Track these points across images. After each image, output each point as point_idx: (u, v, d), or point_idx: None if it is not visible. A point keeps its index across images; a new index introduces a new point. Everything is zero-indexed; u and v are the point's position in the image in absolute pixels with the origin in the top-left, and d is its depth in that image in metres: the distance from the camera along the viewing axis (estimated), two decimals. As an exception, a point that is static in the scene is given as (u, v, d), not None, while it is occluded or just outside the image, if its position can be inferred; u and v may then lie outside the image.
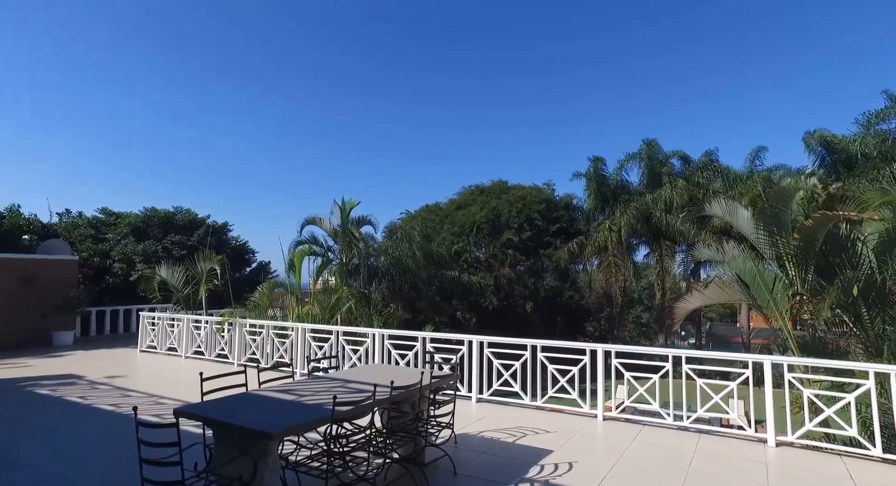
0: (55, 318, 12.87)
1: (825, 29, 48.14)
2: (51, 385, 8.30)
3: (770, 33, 58.40)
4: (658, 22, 59.40)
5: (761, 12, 58.27)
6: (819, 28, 49.17)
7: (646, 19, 56.89)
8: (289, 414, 3.56)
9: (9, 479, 4.53)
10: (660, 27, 59.35)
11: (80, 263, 14.89)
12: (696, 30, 58.54)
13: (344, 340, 8.51)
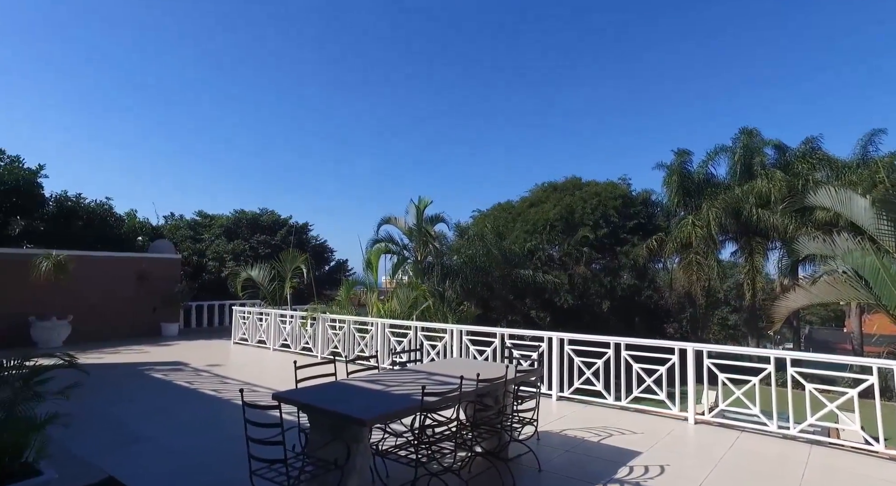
0: (163, 311, 14.18)
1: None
2: (163, 370, 9.16)
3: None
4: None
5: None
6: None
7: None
8: (379, 403, 3.67)
9: (134, 450, 5.03)
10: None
11: (182, 261, 16.28)
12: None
13: (422, 335, 8.66)
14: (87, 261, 12.93)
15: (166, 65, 47.16)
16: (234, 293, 15.86)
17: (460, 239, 21.31)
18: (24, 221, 13.82)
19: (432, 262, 16.85)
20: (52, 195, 15.11)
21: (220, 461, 4.75)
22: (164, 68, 46.76)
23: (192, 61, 48.94)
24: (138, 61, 45.51)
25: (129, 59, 43.44)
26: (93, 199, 16.01)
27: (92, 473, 4.35)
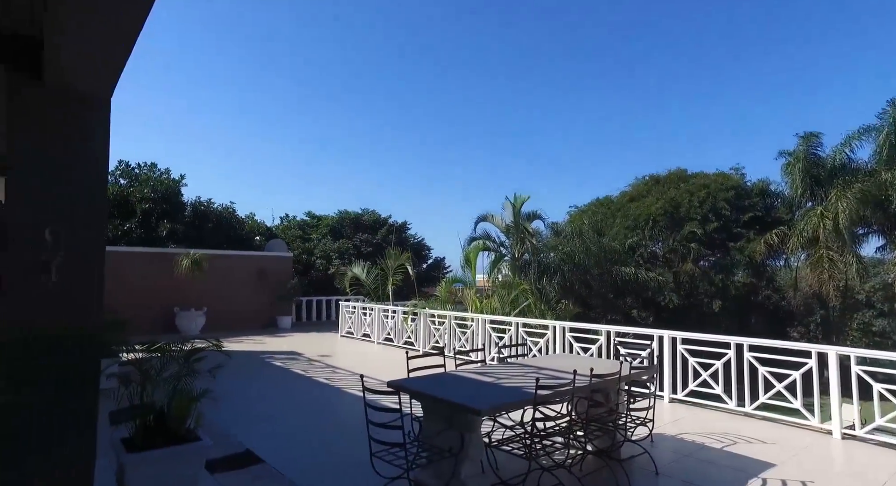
0: (278, 305, 15.45)
1: None
2: (281, 359, 9.99)
3: None
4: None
5: None
6: None
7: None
8: (491, 394, 3.71)
9: (263, 428, 5.54)
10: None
11: (293, 259, 17.63)
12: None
13: (523, 331, 8.61)
14: (217, 259, 14.45)
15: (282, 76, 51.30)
16: (340, 290, 16.89)
17: (556, 236, 20.86)
18: (170, 224, 15.83)
19: (529, 259, 16.69)
20: (189, 201, 17.14)
21: (340, 441, 5.08)
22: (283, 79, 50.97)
23: (311, 72, 52.48)
24: (265, 74, 50.02)
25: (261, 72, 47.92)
26: (220, 203, 17.90)
27: (233, 445, 4.86)
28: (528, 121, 61.75)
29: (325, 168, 55.03)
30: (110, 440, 3.55)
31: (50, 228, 3.02)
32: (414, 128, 58.58)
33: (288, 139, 54.51)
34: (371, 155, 57.92)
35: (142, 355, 3.86)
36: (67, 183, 3.12)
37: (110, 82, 3.05)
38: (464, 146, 61.65)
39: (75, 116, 3.12)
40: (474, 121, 61.51)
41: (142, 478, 3.33)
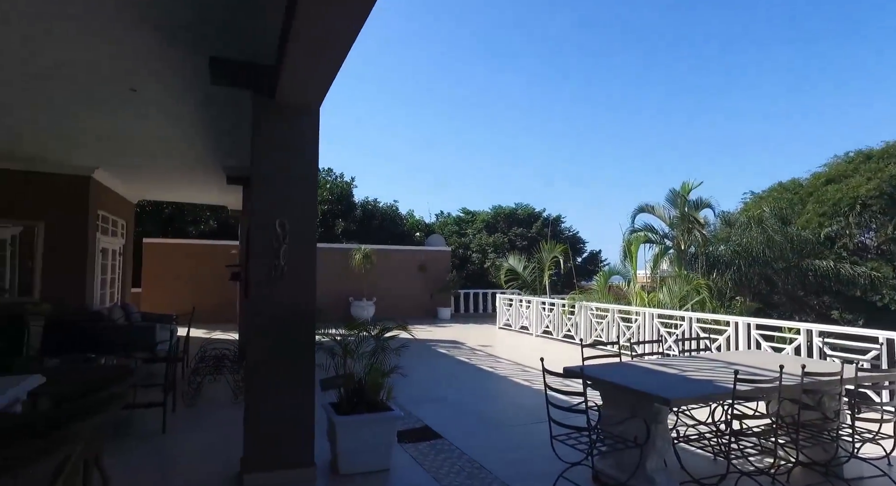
0: (438, 296, 16.35)
1: None
2: (445, 347, 10.58)
3: None
4: None
5: None
6: None
7: None
8: (679, 385, 3.48)
9: (435, 406, 5.91)
10: None
11: (451, 253, 18.49)
12: None
13: (698, 327, 7.89)
14: (383, 253, 15.81)
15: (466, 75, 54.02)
16: (496, 283, 17.24)
17: (727, 227, 18.59)
18: (344, 223, 17.82)
19: (695, 251, 15.18)
20: (358, 201, 19.07)
21: (513, 424, 5.22)
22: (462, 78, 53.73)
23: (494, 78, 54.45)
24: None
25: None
26: (384, 202, 19.56)
27: (412, 420, 5.30)
28: (696, 103, 55.98)
29: (479, 166, 56.40)
30: (321, 402, 4.12)
31: (279, 219, 3.62)
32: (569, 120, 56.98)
33: (445, 142, 57.07)
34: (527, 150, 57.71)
35: (341, 334, 4.43)
36: (289, 181, 3.70)
37: (322, 94, 3.55)
38: (621, 135, 58.15)
39: (295, 125, 3.69)
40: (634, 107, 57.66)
41: (349, 437, 3.81)
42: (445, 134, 57.17)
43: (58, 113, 5.28)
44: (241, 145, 6.48)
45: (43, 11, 3.09)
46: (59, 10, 3.06)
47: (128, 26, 3.25)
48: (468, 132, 56.98)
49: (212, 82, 3.59)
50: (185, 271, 13.67)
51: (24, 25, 3.26)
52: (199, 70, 3.91)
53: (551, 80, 54.81)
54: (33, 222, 7.78)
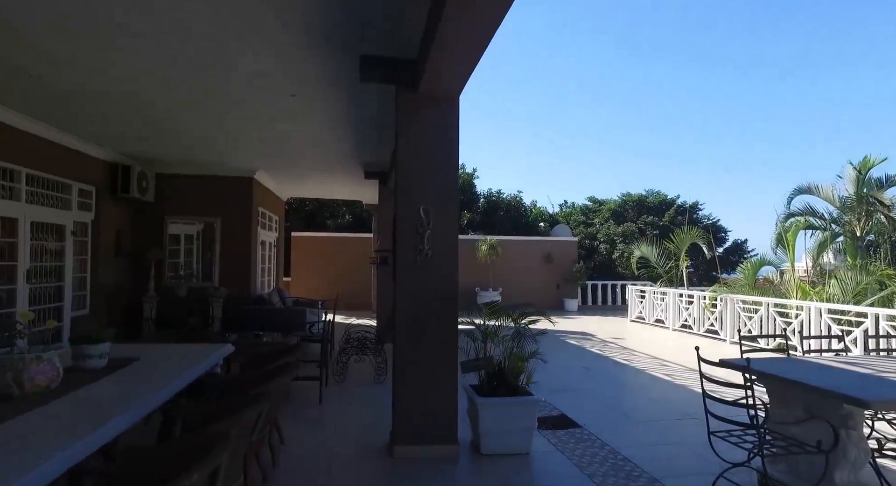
0: (565, 288, 15.97)
1: None
2: (575, 338, 10.31)
3: None
4: None
5: None
6: None
7: None
8: (875, 385, 3.00)
9: (569, 397, 5.76)
10: None
11: (577, 244, 17.92)
12: None
13: (888, 325, 6.72)
14: (507, 244, 15.82)
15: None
16: (624, 274, 16.36)
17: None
18: (469, 214, 18.19)
19: (876, 239, 12.90)
20: (481, 192, 19.30)
21: (654, 416, 4.92)
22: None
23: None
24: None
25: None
26: (508, 193, 19.55)
27: (546, 407, 5.25)
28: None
29: (606, 153, 53.76)
30: (462, 384, 4.24)
31: (423, 206, 3.78)
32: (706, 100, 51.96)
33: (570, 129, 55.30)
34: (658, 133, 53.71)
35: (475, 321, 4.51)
36: (432, 168, 3.85)
37: (462, 84, 3.63)
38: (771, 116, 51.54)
39: (436, 114, 3.82)
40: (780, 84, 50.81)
41: (490, 418, 3.88)
42: (571, 123, 55.34)
43: (228, 124, 6.08)
44: (379, 140, 6.90)
45: (214, 33, 3.56)
46: (229, 31, 3.51)
47: (290, 35, 3.61)
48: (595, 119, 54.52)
49: (361, 80, 3.86)
50: (326, 261, 14.98)
51: (200, 50, 3.80)
52: (347, 69, 4.22)
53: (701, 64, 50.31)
54: (212, 219, 9.08)
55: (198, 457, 1.66)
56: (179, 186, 8.89)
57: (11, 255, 5.97)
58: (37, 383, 2.36)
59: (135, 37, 3.68)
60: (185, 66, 4.25)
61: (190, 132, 6.56)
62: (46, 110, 5.67)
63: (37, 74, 4.53)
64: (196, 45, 3.80)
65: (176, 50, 3.91)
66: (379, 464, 3.76)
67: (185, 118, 5.91)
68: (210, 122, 6.05)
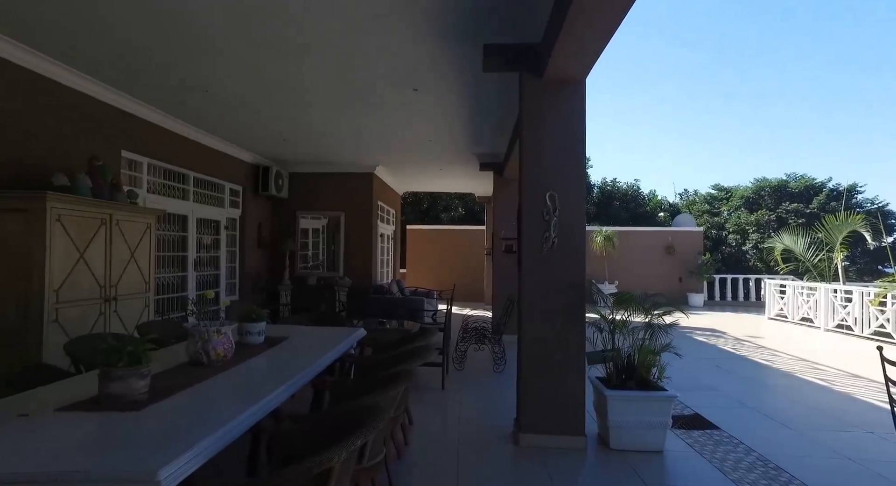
0: (688, 281, 14.82)
1: None
2: (703, 335, 9.54)
3: None
4: None
5: None
6: None
7: None
8: None
9: (702, 397, 5.34)
10: None
11: (703, 234, 16.52)
12: None
13: None
14: (624, 235, 15.05)
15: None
16: (757, 267, 14.74)
17: None
18: (580, 205, 17.63)
19: None
20: (595, 182, 18.55)
21: (810, 425, 4.38)
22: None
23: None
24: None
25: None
26: (624, 182, 18.57)
27: (678, 405, 4.91)
28: None
29: (735, 137, 48.79)
30: (588, 375, 4.12)
31: (549, 192, 3.72)
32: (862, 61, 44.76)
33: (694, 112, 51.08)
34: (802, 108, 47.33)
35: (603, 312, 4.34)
36: (557, 155, 3.77)
37: (589, 67, 3.50)
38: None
39: (562, 99, 3.73)
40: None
41: (620, 411, 3.73)
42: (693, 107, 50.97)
43: (354, 122, 6.47)
44: (495, 131, 6.92)
45: (348, 31, 3.79)
46: (358, 28, 3.71)
47: (417, 27, 3.74)
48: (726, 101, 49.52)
49: (484, 69, 3.89)
50: (439, 253, 15.40)
51: (331, 53, 4.07)
52: (468, 60, 4.28)
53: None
54: (337, 213, 9.77)
55: (358, 425, 1.80)
56: (309, 184, 9.69)
57: (183, 246, 6.95)
58: (218, 352, 2.71)
59: (283, 43, 4.06)
60: (326, 70, 4.60)
61: (321, 132, 7.11)
62: (208, 121, 6.49)
63: (206, 90, 5.20)
64: (334, 46, 4.09)
65: (319, 55, 4.24)
66: (505, 450, 3.80)
67: (320, 119, 6.40)
68: (339, 121, 6.49)
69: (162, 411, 2.00)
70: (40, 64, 4.40)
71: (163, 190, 6.50)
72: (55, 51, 4.27)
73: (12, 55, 4.14)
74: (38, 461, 1.50)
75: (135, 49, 4.19)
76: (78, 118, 4.97)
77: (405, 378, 2.44)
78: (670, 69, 51.32)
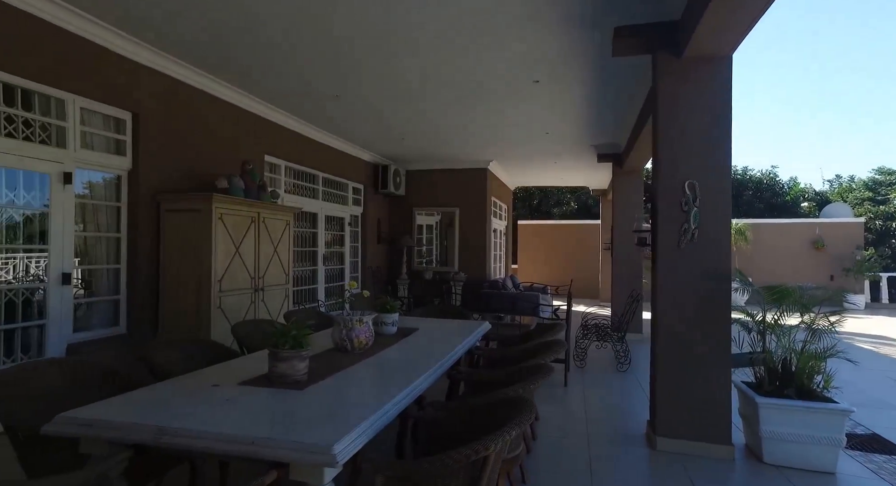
0: (844, 280, 12.94)
1: None
2: (867, 342, 8.27)
3: None
4: None
5: None
6: None
7: None
8: None
9: (887, 416, 4.60)
10: None
11: (863, 226, 14.33)
12: None
13: None
14: (760, 228, 13.56)
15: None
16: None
17: None
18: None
19: None
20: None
21: None
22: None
23: None
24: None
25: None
26: (758, 170, 16.69)
27: (849, 423, 4.28)
28: None
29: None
30: (732, 379, 3.75)
31: (688, 181, 3.44)
32: None
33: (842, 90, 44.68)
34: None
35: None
36: (698, 140, 3.46)
37: (740, 39, 3.16)
38: None
39: (704, 79, 3.42)
40: None
41: (776, 422, 3.35)
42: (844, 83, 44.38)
43: (472, 117, 6.52)
44: (615, 121, 6.58)
45: (466, 30, 3.80)
46: (479, 25, 3.70)
47: (541, 16, 3.65)
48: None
49: (614, 54, 3.69)
50: (551, 248, 15.07)
51: (454, 51, 4.11)
52: (594, 46, 4.09)
53: None
54: (452, 209, 9.96)
55: (508, 416, 1.79)
56: (424, 181, 9.99)
57: (314, 242, 7.53)
58: (360, 340, 2.88)
59: (405, 43, 4.21)
60: (446, 66, 4.70)
61: (438, 129, 7.27)
62: (336, 124, 6.96)
63: (337, 95, 5.59)
64: (452, 41, 4.15)
65: (444, 54, 4.34)
66: (639, 453, 3.59)
67: (437, 116, 6.56)
68: (456, 117, 6.59)
69: (320, 391, 2.16)
70: (207, 83, 5.03)
71: (296, 190, 7.09)
72: (222, 72, 4.85)
73: (187, 77, 4.78)
74: (235, 424, 1.69)
75: (286, 65, 4.61)
76: (234, 128, 5.60)
77: (546, 372, 2.40)
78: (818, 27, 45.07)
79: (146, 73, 4.44)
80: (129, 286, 4.41)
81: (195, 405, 1.92)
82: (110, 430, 1.70)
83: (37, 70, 3.59)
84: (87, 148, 4.09)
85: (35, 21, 3.53)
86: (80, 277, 4.16)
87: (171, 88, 4.71)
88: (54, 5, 3.57)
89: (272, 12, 3.60)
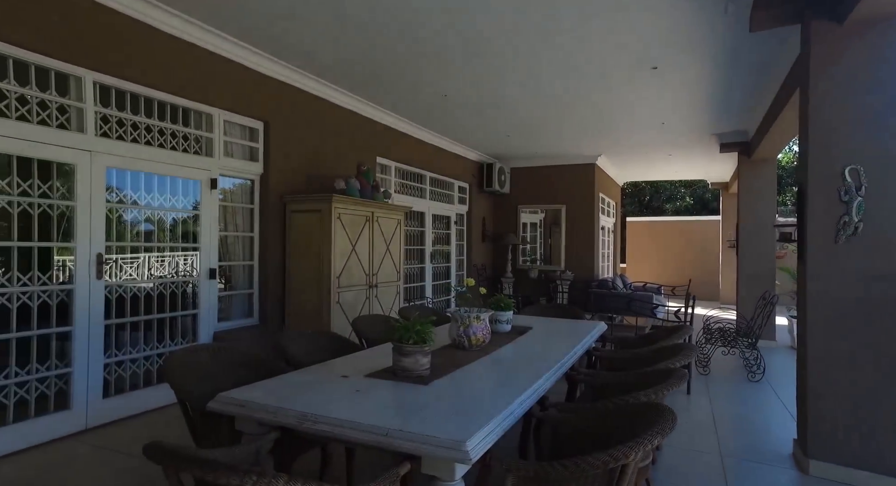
0: None
1: None
2: None
3: None
4: None
5: None
6: None
7: None
8: None
9: None
10: None
11: None
12: None
13: None
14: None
15: None
16: None
17: None
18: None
19: None
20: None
21: None
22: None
23: None
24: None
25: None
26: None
27: None
28: None
29: None
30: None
31: (849, 167, 2.99)
32: None
33: None
34: None
35: None
36: (866, 114, 3.00)
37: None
38: None
39: (872, 42, 2.95)
40: None
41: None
42: None
43: (578, 111, 6.27)
44: (742, 105, 5.96)
45: (580, 20, 3.62)
46: (592, 9, 3.51)
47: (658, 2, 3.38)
48: None
49: (752, 29, 3.32)
50: (663, 246, 14.09)
51: (564, 47, 3.95)
52: (722, 21, 3.72)
53: None
54: (557, 206, 9.70)
55: (649, 424, 1.66)
56: (529, 178, 9.82)
57: (422, 240, 7.73)
58: (477, 337, 2.87)
59: (511, 36, 4.13)
60: (556, 60, 4.56)
61: (544, 125, 7.10)
62: (443, 124, 7.08)
63: (444, 95, 5.68)
64: (563, 31, 4.00)
65: (551, 45, 4.21)
66: (786, 475, 3.19)
67: (544, 111, 6.40)
68: (564, 111, 6.38)
69: (443, 386, 2.17)
70: (327, 91, 5.37)
71: (405, 189, 7.32)
72: (342, 80, 5.15)
73: (308, 86, 5.13)
74: (369, 415, 1.75)
75: (395, 71, 4.77)
76: (350, 132, 5.92)
77: (680, 377, 2.20)
78: None
79: (274, 84, 4.84)
80: (260, 281, 4.84)
81: (329, 393, 2.02)
82: (261, 412, 1.84)
83: (194, 90, 4.06)
84: (228, 156, 4.55)
85: (183, 44, 3.99)
86: (222, 272, 4.64)
87: (294, 96, 5.09)
88: (203, 30, 4.00)
89: (394, 29, 3.72)
